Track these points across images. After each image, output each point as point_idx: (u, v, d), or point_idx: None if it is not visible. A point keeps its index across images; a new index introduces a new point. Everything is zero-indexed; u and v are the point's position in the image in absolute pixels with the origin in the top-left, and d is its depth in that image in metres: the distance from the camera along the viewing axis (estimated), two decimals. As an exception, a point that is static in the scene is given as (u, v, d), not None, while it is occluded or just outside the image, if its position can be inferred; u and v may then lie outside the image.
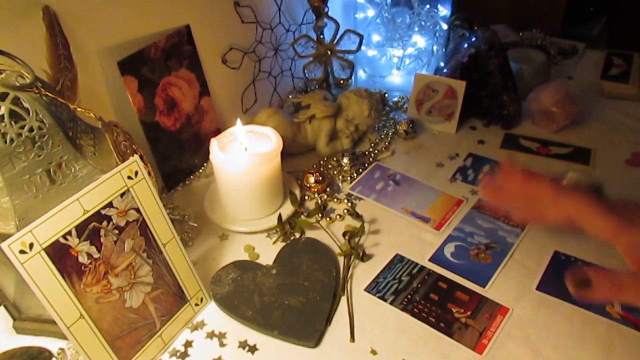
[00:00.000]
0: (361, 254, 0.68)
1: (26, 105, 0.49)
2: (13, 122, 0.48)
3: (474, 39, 0.90)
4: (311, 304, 0.62)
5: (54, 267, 0.47)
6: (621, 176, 0.81)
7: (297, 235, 0.72)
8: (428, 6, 1.01)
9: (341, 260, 0.68)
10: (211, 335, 0.60)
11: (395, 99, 1.02)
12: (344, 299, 0.64)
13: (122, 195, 0.52)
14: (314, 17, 0.95)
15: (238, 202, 0.73)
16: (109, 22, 0.68)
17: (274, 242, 0.72)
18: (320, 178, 0.80)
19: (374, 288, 0.65)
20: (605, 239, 0.47)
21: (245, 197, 0.71)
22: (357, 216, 0.75)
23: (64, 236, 0.48)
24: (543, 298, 0.62)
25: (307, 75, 0.99)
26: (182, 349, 0.59)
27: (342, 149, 0.88)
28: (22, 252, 0.45)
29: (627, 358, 0.55)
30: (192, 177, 0.85)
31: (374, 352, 0.57)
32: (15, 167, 0.49)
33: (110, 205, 0.51)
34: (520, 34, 1.15)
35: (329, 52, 0.97)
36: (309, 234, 0.73)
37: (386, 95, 1.02)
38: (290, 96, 1.01)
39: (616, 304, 0.60)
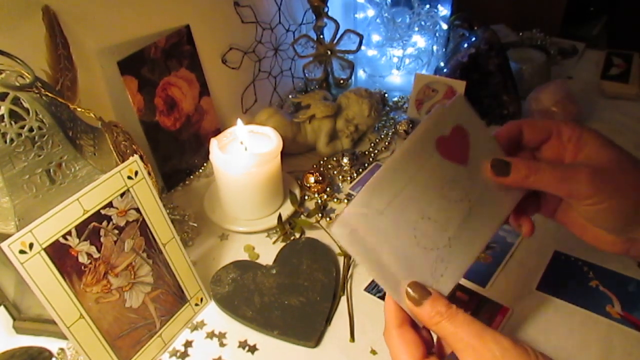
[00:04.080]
0: (361, 254, 0.68)
1: (26, 105, 0.49)
2: (13, 122, 0.48)
3: (473, 38, 0.91)
4: (311, 303, 0.62)
5: (53, 267, 0.47)
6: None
7: (297, 235, 0.72)
8: (428, 6, 1.00)
9: (341, 260, 0.68)
10: (211, 335, 0.60)
11: (395, 98, 1.02)
12: (343, 299, 0.64)
13: (122, 195, 0.52)
14: (314, 17, 0.95)
15: (238, 202, 0.73)
16: (109, 22, 0.69)
17: (274, 242, 0.72)
18: (320, 178, 0.80)
19: (374, 288, 0.65)
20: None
21: (245, 197, 0.71)
22: (357, 216, 0.75)
23: (64, 236, 0.48)
24: (543, 298, 0.62)
25: (307, 75, 0.99)
26: (182, 349, 0.59)
27: (342, 148, 0.88)
28: (22, 252, 0.45)
29: (627, 358, 0.55)
30: (192, 177, 0.85)
31: (373, 352, 0.57)
32: (15, 167, 0.49)
33: (110, 205, 0.51)
34: (520, 33, 1.15)
35: (329, 52, 0.97)
36: (309, 233, 0.73)
37: (386, 95, 1.02)
38: (290, 96, 1.01)
39: (616, 304, 0.60)
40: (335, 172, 0.85)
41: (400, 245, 0.41)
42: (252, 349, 0.58)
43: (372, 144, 0.90)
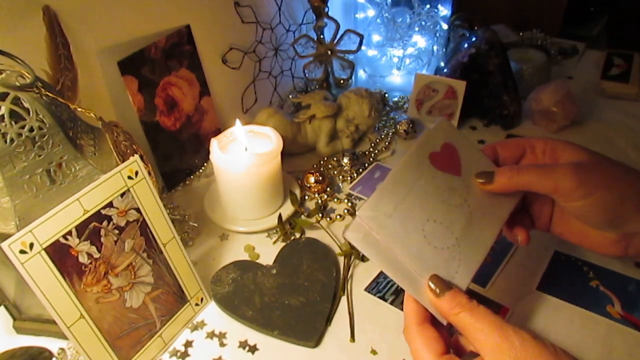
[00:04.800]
0: (361, 254, 0.68)
1: (26, 105, 0.49)
2: (13, 122, 0.48)
3: (474, 38, 0.90)
4: (311, 304, 0.62)
5: (54, 267, 0.47)
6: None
7: (297, 235, 0.72)
8: (428, 6, 1.01)
9: (341, 260, 0.68)
10: (211, 335, 0.60)
11: (396, 99, 1.02)
12: (344, 299, 0.64)
13: (122, 195, 0.52)
14: (314, 17, 0.95)
15: (238, 202, 0.73)
16: (109, 22, 0.69)
17: (274, 242, 0.72)
18: (321, 178, 0.80)
19: (374, 288, 0.65)
20: None
21: (246, 197, 0.71)
22: (357, 216, 0.75)
23: (64, 236, 0.48)
24: (543, 298, 0.62)
25: (307, 75, 0.99)
26: (182, 349, 0.59)
27: (342, 149, 0.88)
28: (22, 252, 0.45)
29: (627, 358, 0.55)
30: (192, 177, 0.85)
31: (374, 352, 0.57)
32: (16, 167, 0.49)
33: (110, 205, 0.51)
34: (521, 33, 1.15)
35: (329, 52, 0.97)
36: (309, 234, 0.73)
37: (386, 95, 1.02)
38: (290, 96, 1.01)
39: (616, 304, 0.60)
40: (335, 172, 0.85)
41: (413, 245, 0.44)
42: (253, 349, 0.58)
43: (373, 144, 0.90)
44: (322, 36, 0.96)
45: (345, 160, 0.84)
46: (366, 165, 0.86)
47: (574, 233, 0.50)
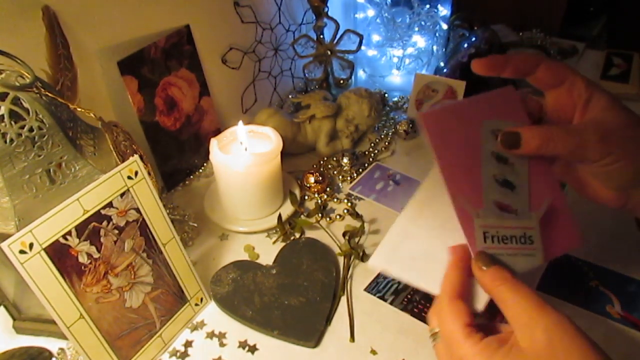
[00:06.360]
0: (361, 254, 0.68)
1: (26, 105, 0.49)
2: (13, 122, 0.48)
3: (474, 38, 0.90)
4: (311, 304, 0.62)
5: (54, 267, 0.47)
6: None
7: (297, 235, 0.72)
8: (428, 6, 1.00)
9: (341, 260, 0.68)
10: (211, 335, 0.60)
11: (395, 99, 1.02)
12: (343, 299, 0.64)
13: (122, 195, 0.52)
14: (314, 17, 0.95)
15: (238, 202, 0.73)
16: (109, 22, 0.69)
17: (274, 242, 0.72)
18: (320, 178, 0.80)
19: (373, 288, 0.65)
20: None
21: (245, 197, 0.71)
22: (357, 216, 0.75)
23: (64, 236, 0.48)
24: (543, 298, 0.62)
25: (307, 75, 0.99)
26: (182, 349, 0.59)
27: (342, 149, 0.88)
28: (22, 252, 0.45)
29: (627, 358, 0.55)
30: (192, 177, 0.85)
31: (374, 352, 0.57)
32: (15, 167, 0.49)
33: (110, 205, 0.51)
34: (520, 34, 1.15)
35: (329, 52, 0.97)
36: (309, 234, 0.73)
37: (386, 95, 1.02)
38: (290, 96, 1.01)
39: (616, 304, 0.60)
40: (335, 172, 0.85)
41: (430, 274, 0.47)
42: (252, 349, 0.58)
43: (372, 144, 0.90)
44: (321, 36, 0.96)
45: (345, 160, 0.84)
46: (366, 165, 0.86)
47: (576, 181, 0.48)
